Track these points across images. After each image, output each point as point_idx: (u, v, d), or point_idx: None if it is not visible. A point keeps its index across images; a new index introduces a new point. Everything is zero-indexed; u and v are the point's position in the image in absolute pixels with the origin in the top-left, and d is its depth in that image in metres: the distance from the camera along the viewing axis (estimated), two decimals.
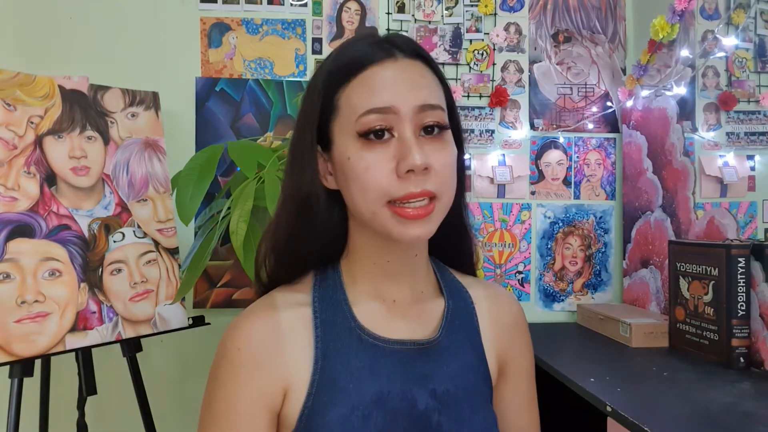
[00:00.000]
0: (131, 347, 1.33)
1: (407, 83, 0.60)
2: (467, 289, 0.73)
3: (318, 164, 0.64)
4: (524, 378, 0.74)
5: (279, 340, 0.62)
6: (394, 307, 0.67)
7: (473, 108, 1.80)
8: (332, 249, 0.68)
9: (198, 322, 1.42)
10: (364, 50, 0.61)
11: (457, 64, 1.79)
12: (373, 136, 0.59)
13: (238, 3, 1.73)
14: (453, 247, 0.74)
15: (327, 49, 1.76)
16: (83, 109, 1.30)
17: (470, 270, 0.77)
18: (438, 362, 0.65)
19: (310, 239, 0.66)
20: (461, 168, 0.69)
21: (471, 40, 1.79)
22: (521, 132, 1.81)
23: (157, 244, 1.38)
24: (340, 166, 0.61)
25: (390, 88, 0.59)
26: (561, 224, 1.81)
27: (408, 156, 0.57)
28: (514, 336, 0.74)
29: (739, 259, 1.20)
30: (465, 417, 0.64)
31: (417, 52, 0.63)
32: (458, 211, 0.71)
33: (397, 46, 0.62)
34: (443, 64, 1.78)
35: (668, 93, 1.60)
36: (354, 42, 0.64)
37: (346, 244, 0.68)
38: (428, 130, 0.60)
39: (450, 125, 0.63)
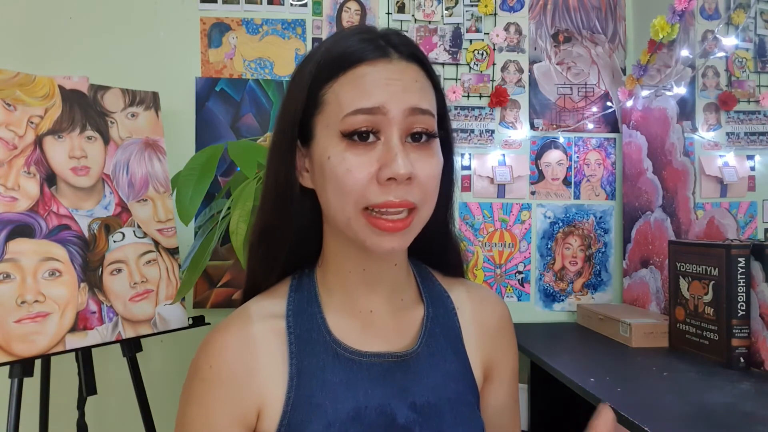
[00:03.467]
0: (131, 347, 1.33)
1: (399, 86, 0.57)
2: (449, 294, 0.71)
3: (296, 159, 0.62)
4: (507, 379, 0.72)
5: (252, 356, 0.60)
6: (371, 317, 0.64)
7: (473, 108, 1.80)
8: (305, 250, 0.66)
9: (198, 322, 1.42)
10: (358, 46, 0.58)
11: (457, 64, 1.79)
12: (358, 137, 0.56)
13: (238, 3, 1.73)
14: (438, 255, 0.72)
15: None
16: (83, 109, 1.30)
17: (458, 274, 0.74)
18: (418, 373, 0.63)
19: (281, 235, 0.64)
20: (450, 176, 0.67)
21: (471, 40, 1.79)
22: (521, 132, 1.81)
23: (157, 244, 1.38)
24: (319, 165, 0.59)
25: (381, 89, 0.56)
26: (561, 224, 1.81)
27: (392, 163, 0.54)
28: (499, 339, 0.71)
29: (739, 259, 1.20)
30: (448, 428, 0.62)
31: (413, 54, 0.60)
32: (443, 221, 0.69)
33: (394, 46, 0.59)
34: (443, 64, 1.78)
35: (668, 93, 1.60)
36: (348, 35, 0.60)
37: (321, 249, 0.66)
38: (416, 137, 0.58)
39: (440, 132, 0.61)
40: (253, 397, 0.59)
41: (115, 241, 1.31)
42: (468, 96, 1.79)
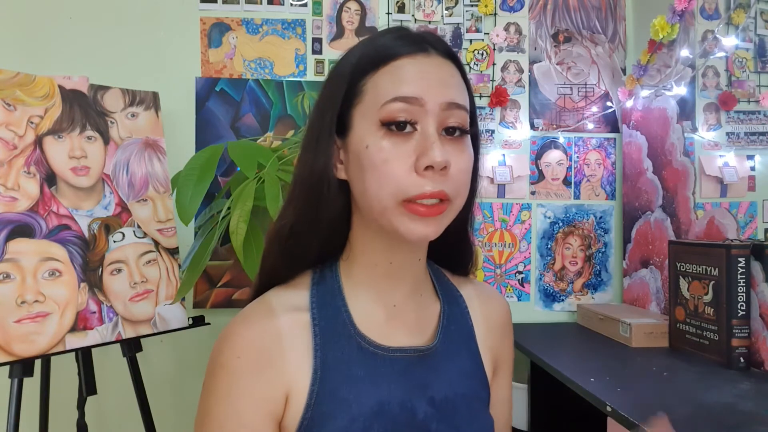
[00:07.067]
0: (131, 347, 1.33)
1: (437, 79, 0.58)
2: (460, 291, 0.73)
3: (332, 152, 0.62)
4: (507, 373, 0.75)
5: (279, 346, 0.60)
6: (394, 312, 0.65)
7: None
8: (331, 245, 0.66)
9: (198, 322, 1.42)
10: (396, 42, 0.60)
11: None
12: (395, 127, 0.57)
13: (238, 3, 1.73)
14: (451, 255, 0.73)
15: (327, 49, 1.76)
16: (83, 109, 1.30)
17: (464, 273, 0.76)
18: (436, 369, 0.64)
19: (314, 228, 0.63)
20: (475, 177, 0.68)
21: (471, 40, 1.79)
22: (521, 132, 1.81)
23: (157, 244, 1.38)
24: (356, 154, 0.59)
25: (420, 80, 0.58)
26: (561, 224, 1.81)
27: (429, 152, 0.55)
28: (504, 335, 0.74)
29: (739, 259, 1.20)
30: (463, 424, 0.63)
31: (449, 53, 0.62)
32: (463, 222, 0.69)
33: (430, 43, 0.61)
34: None
35: (668, 93, 1.60)
36: (384, 33, 0.62)
37: (347, 243, 0.66)
38: (450, 131, 0.59)
39: (471, 133, 0.62)
40: (282, 387, 0.59)
41: (115, 241, 1.31)
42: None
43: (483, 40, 1.79)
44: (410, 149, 0.57)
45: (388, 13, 1.77)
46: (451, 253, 0.73)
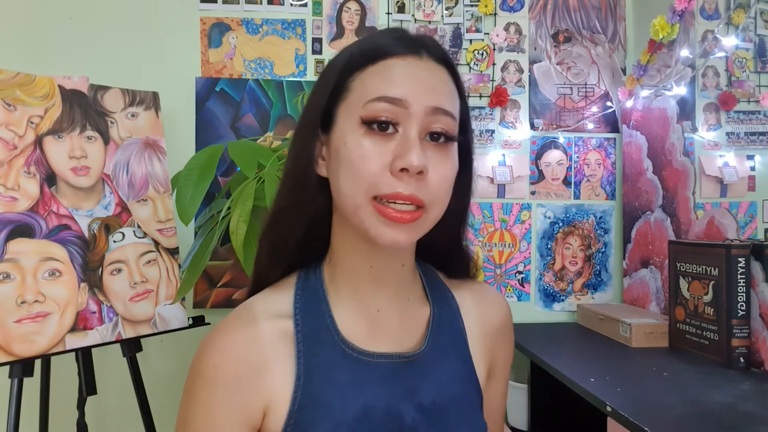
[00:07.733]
0: (131, 347, 1.33)
1: (426, 83, 0.57)
2: (453, 293, 0.71)
3: (315, 146, 0.62)
4: (505, 374, 0.74)
5: (259, 355, 0.59)
6: (379, 317, 0.64)
7: (473, 108, 1.79)
8: (314, 245, 0.66)
9: (198, 322, 1.42)
10: (390, 42, 0.59)
11: (457, 64, 1.79)
12: (377, 126, 0.56)
13: (238, 3, 1.73)
14: (445, 263, 0.72)
15: (327, 49, 1.76)
16: (83, 109, 1.30)
17: (463, 277, 0.74)
18: (424, 373, 0.63)
19: (293, 222, 0.63)
20: (468, 188, 0.67)
21: (471, 40, 1.79)
22: (521, 132, 1.81)
23: (157, 244, 1.38)
24: (335, 149, 0.59)
25: (407, 82, 0.57)
26: (561, 224, 1.81)
27: (407, 154, 0.54)
28: (502, 337, 0.72)
29: (739, 259, 1.20)
30: (453, 428, 0.62)
31: (444, 59, 0.61)
32: (456, 236, 0.68)
33: (426, 47, 0.60)
34: None
35: (668, 93, 1.60)
36: (381, 33, 0.62)
37: (330, 245, 0.66)
38: (434, 136, 0.58)
39: (460, 141, 0.61)
40: (260, 397, 0.58)
41: (115, 241, 1.31)
42: (468, 96, 1.79)
43: (483, 40, 1.79)
44: (389, 150, 0.56)
45: (388, 13, 1.77)
46: (446, 262, 0.72)
